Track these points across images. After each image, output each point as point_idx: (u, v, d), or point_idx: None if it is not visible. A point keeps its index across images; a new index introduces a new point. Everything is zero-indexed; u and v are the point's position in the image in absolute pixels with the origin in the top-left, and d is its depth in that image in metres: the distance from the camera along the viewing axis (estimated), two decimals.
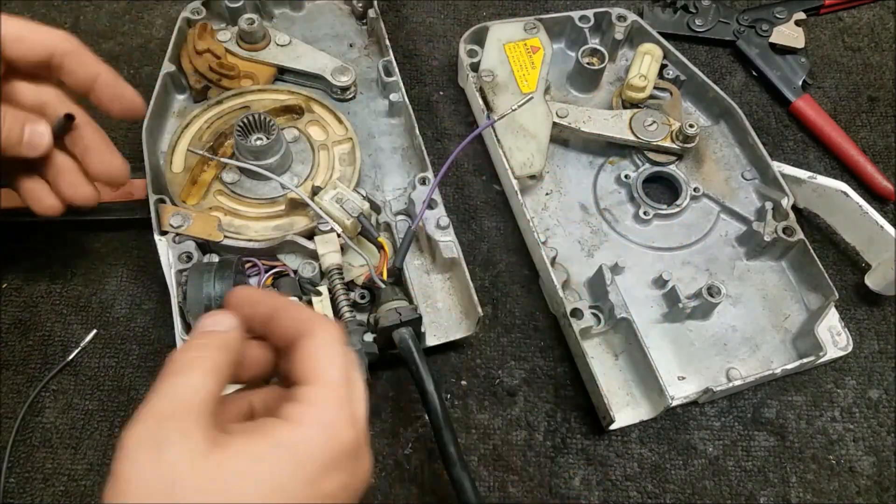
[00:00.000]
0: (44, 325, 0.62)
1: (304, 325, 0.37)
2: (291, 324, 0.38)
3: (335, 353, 0.37)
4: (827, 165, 0.75)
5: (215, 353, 0.36)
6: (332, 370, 0.36)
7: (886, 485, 0.59)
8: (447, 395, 0.61)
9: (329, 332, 0.37)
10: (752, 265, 0.67)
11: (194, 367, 0.34)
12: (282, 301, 0.39)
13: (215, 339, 0.36)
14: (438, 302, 0.63)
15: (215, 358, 0.35)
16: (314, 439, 0.34)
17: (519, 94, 0.70)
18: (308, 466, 0.33)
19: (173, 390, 0.34)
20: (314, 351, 0.37)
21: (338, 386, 0.36)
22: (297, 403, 0.35)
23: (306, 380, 0.36)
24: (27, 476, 0.56)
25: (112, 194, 0.62)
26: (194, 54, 0.69)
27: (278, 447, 0.33)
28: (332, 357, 0.37)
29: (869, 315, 0.67)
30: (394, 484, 0.57)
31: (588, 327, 0.60)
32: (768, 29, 0.80)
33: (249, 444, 0.33)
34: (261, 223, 0.61)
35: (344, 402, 0.36)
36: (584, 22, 0.76)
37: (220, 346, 0.36)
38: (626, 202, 0.70)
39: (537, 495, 0.58)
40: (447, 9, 0.83)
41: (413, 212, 0.63)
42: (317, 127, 0.67)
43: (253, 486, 0.32)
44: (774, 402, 0.62)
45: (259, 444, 0.33)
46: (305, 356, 0.36)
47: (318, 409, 0.35)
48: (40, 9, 0.80)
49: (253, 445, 0.33)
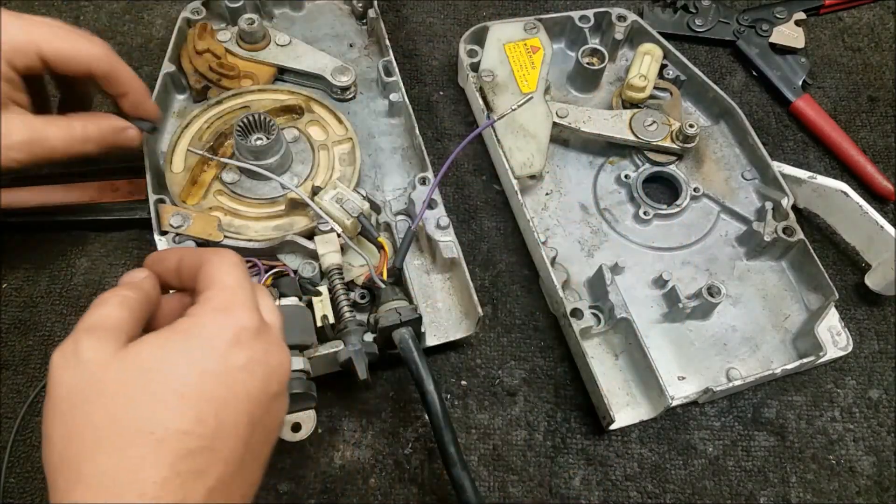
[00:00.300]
0: (44, 325, 0.62)
1: (203, 256, 0.42)
2: (193, 261, 0.42)
3: (229, 267, 0.41)
4: (827, 165, 0.75)
5: (127, 291, 0.40)
6: (227, 277, 0.40)
7: (886, 485, 0.59)
8: (447, 395, 0.61)
9: (223, 255, 0.42)
10: (752, 265, 0.67)
11: (108, 300, 0.39)
12: (184, 249, 0.44)
13: (128, 284, 0.41)
14: (438, 302, 0.63)
15: (127, 294, 0.40)
16: (213, 321, 0.38)
17: (519, 94, 0.70)
18: (211, 343, 0.37)
19: (89, 316, 0.38)
20: (209, 268, 0.41)
21: (232, 286, 0.40)
22: (196, 305, 0.40)
23: (204, 288, 0.40)
24: (27, 476, 0.56)
25: (112, 194, 0.62)
26: (194, 54, 0.69)
27: (182, 332, 0.38)
28: (227, 270, 0.41)
29: (869, 315, 0.67)
30: (394, 484, 0.57)
31: (588, 327, 0.60)
32: (768, 29, 0.80)
33: (157, 338, 0.37)
34: (261, 223, 0.61)
35: (238, 295, 0.40)
36: (584, 22, 0.76)
37: (131, 287, 0.41)
38: (626, 202, 0.70)
39: (537, 495, 0.58)
40: (447, 9, 0.83)
41: (413, 212, 0.63)
42: (317, 127, 0.67)
43: (166, 367, 0.36)
44: (774, 402, 0.62)
45: (165, 335, 0.38)
46: (203, 275, 0.41)
47: (212, 301, 0.39)
48: (40, 8, 0.80)
49: (160, 339, 0.37)
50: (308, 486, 0.57)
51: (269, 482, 0.56)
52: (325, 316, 0.56)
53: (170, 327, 0.38)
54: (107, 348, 0.36)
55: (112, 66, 0.54)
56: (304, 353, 0.53)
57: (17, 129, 0.50)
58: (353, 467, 0.58)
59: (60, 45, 0.51)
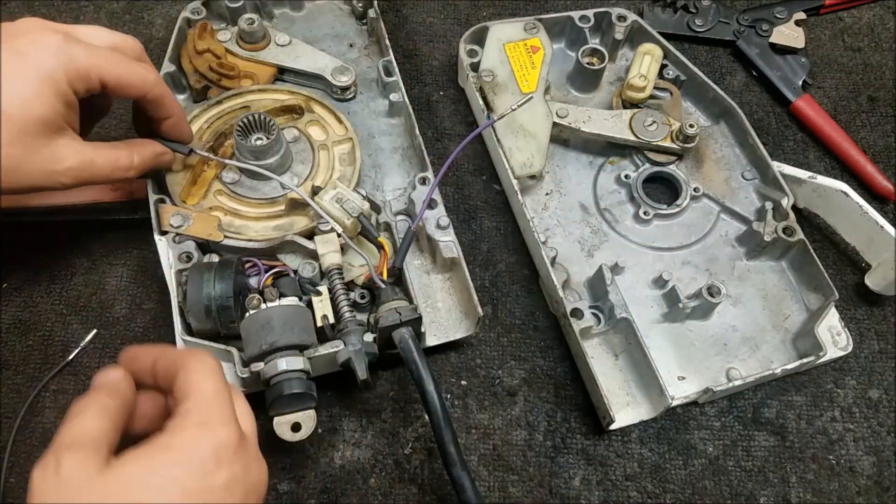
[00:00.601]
0: (44, 325, 0.62)
1: (180, 360, 0.42)
2: (170, 364, 0.42)
3: (207, 374, 0.41)
4: (827, 165, 0.75)
5: (104, 398, 0.40)
6: (204, 385, 0.41)
7: (886, 485, 0.59)
8: (447, 395, 0.61)
9: (201, 361, 0.42)
10: (752, 265, 0.67)
11: (87, 410, 0.39)
12: (160, 349, 0.44)
13: (104, 388, 0.41)
14: (438, 302, 0.63)
15: (105, 401, 0.40)
16: (194, 439, 0.38)
17: (519, 94, 0.70)
18: (192, 462, 0.37)
19: (69, 429, 0.38)
20: (188, 375, 0.41)
21: (210, 397, 0.40)
22: (174, 417, 0.40)
23: (183, 398, 0.40)
24: (27, 476, 0.55)
25: (112, 194, 0.62)
26: (194, 54, 0.69)
27: (162, 450, 0.38)
28: (205, 377, 0.41)
29: (869, 315, 0.67)
30: (394, 484, 0.57)
31: (588, 327, 0.60)
32: (768, 29, 0.80)
33: (137, 456, 0.37)
34: (261, 223, 0.61)
35: (216, 408, 0.40)
36: (584, 22, 0.76)
37: (108, 393, 0.40)
38: (626, 202, 0.70)
39: (537, 495, 0.58)
40: (447, 9, 0.83)
41: (413, 212, 0.63)
42: (317, 127, 0.67)
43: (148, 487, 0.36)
44: (774, 402, 0.62)
45: (145, 453, 0.38)
46: (181, 381, 0.41)
47: (192, 414, 0.39)
48: (41, 9, 0.80)
49: (140, 457, 0.37)
50: (308, 486, 0.57)
51: (270, 482, 0.56)
52: (325, 316, 0.56)
53: (151, 444, 0.38)
54: (89, 465, 0.36)
55: (163, 93, 0.55)
56: (304, 353, 0.53)
57: (70, 156, 0.50)
58: (353, 467, 0.58)
59: (121, 72, 0.52)
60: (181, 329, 0.56)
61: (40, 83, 0.48)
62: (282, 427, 0.51)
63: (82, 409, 0.39)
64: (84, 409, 0.39)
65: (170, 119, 0.57)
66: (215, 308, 0.53)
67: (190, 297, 0.54)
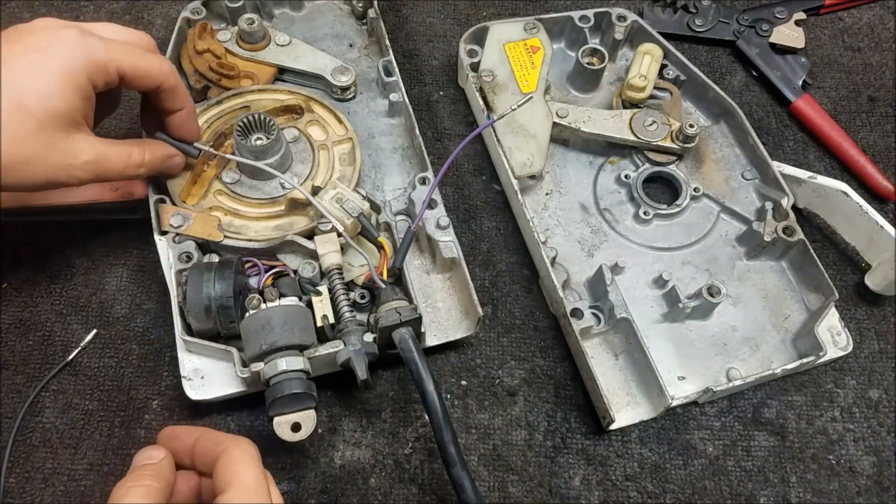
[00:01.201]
0: (44, 325, 0.62)
1: (221, 444, 0.44)
2: (210, 446, 0.44)
3: (248, 463, 0.43)
4: (827, 165, 0.75)
5: (149, 480, 0.42)
6: (245, 475, 0.42)
7: (886, 485, 0.59)
8: (447, 395, 0.61)
9: (242, 448, 0.43)
10: (752, 265, 0.67)
11: (132, 495, 0.41)
12: (201, 430, 0.46)
13: (148, 469, 0.43)
14: (438, 302, 0.63)
15: (149, 484, 0.41)
16: None
17: (519, 94, 0.70)
18: None
19: None
20: (229, 462, 0.42)
21: (251, 488, 0.41)
22: None
23: (225, 486, 0.41)
24: (27, 476, 0.56)
25: (112, 194, 0.62)
26: (194, 54, 0.69)
27: None
28: (247, 465, 0.42)
29: (869, 315, 0.67)
30: (394, 484, 0.57)
31: (588, 327, 0.60)
32: (768, 29, 0.80)
33: None
34: (261, 223, 0.61)
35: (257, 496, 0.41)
36: (584, 22, 0.76)
37: (152, 475, 0.42)
38: (626, 202, 0.70)
39: (537, 495, 0.58)
40: (447, 9, 0.83)
41: (413, 212, 0.63)
42: (317, 127, 0.67)
43: None
44: (774, 402, 0.62)
45: None
46: (222, 467, 0.42)
47: None
48: (40, 9, 0.80)
49: None
50: (308, 486, 0.57)
51: None
52: (325, 316, 0.56)
53: None
54: None
55: (178, 82, 0.56)
56: (304, 353, 0.53)
57: (85, 151, 0.51)
58: (353, 467, 0.58)
59: (138, 62, 0.52)
60: (181, 329, 0.56)
61: (59, 77, 0.48)
62: (282, 427, 0.51)
63: (126, 494, 0.41)
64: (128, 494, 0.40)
65: (182, 111, 0.57)
66: (215, 308, 0.53)
67: (190, 297, 0.54)
